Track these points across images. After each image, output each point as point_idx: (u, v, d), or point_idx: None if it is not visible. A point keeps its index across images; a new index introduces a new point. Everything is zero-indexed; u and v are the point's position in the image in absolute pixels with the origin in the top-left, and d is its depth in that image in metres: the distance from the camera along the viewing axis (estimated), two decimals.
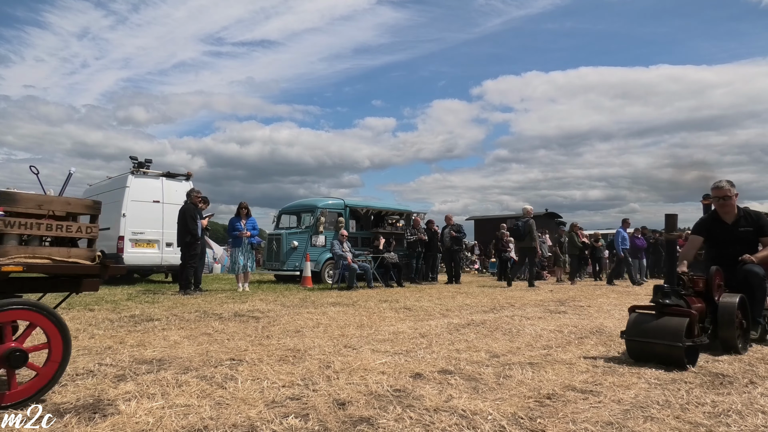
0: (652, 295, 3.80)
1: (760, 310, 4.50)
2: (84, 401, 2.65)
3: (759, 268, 4.43)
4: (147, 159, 12.89)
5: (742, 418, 2.43)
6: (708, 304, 4.12)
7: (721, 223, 4.77)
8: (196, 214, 9.88)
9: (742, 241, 4.62)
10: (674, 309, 3.64)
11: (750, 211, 4.73)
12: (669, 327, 3.53)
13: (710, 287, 4.15)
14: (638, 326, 3.68)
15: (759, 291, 4.42)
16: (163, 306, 7.25)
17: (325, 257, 13.19)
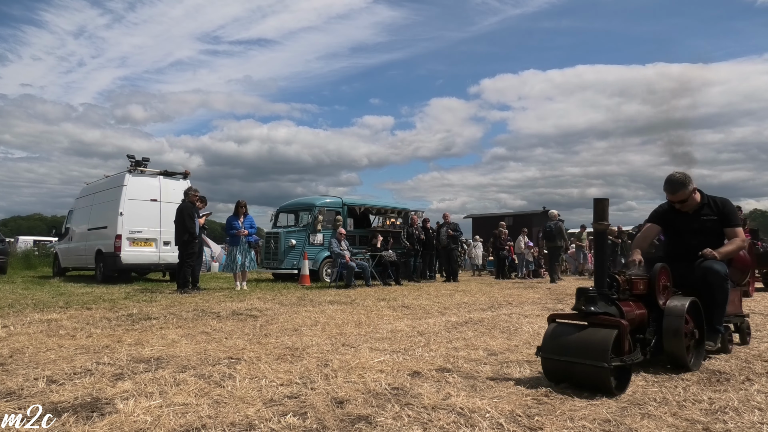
0: (575, 300, 3.08)
1: (719, 316, 3.76)
2: (82, 400, 2.65)
3: (720, 266, 3.73)
4: (144, 157, 12.88)
5: (738, 415, 2.44)
6: (651, 309, 3.44)
7: (680, 211, 4.11)
8: (194, 213, 9.87)
9: (704, 232, 3.99)
10: (601, 318, 2.92)
11: (715, 198, 4.06)
12: (592, 342, 2.79)
13: (654, 289, 3.44)
14: (556, 340, 2.93)
15: (719, 293, 3.70)
16: (161, 305, 7.24)
17: (323, 255, 13.19)
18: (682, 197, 3.93)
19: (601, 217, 3.16)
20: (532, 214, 24.89)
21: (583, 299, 3.03)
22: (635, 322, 3.23)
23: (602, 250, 3.23)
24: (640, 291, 3.41)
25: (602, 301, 3.04)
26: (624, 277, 3.35)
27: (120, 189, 12.08)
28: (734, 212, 3.99)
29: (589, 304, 2.99)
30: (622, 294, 3.28)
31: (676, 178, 3.92)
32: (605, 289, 3.11)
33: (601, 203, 3.16)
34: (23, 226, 71.06)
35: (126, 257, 11.87)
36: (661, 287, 3.49)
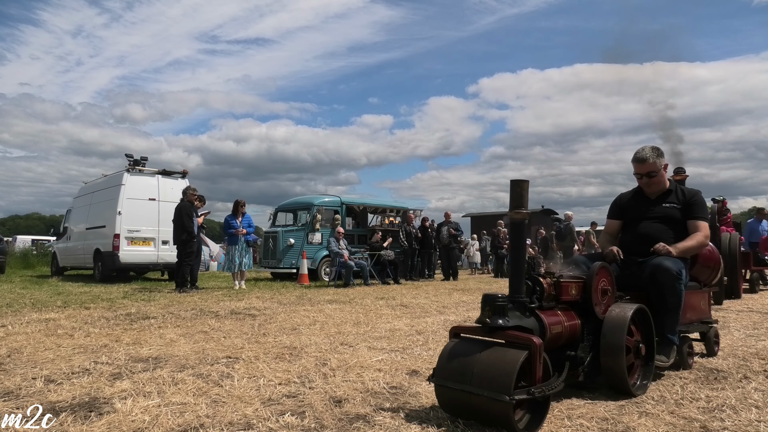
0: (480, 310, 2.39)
1: (672, 323, 3.16)
2: (80, 399, 2.64)
3: (673, 263, 3.11)
4: (143, 157, 12.86)
5: (736, 413, 2.45)
6: (587, 320, 2.83)
7: (641, 197, 3.61)
8: (192, 212, 9.87)
9: (664, 221, 3.46)
10: (508, 335, 2.27)
11: (685, 188, 3.59)
12: (495, 367, 2.16)
13: (589, 294, 2.81)
14: (454, 362, 2.30)
15: (671, 296, 3.10)
16: (159, 304, 7.24)
17: (322, 255, 13.19)
18: (651, 169, 3.44)
19: (518, 204, 2.43)
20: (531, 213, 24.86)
21: (488, 309, 2.33)
22: (563, 336, 2.65)
23: (519, 247, 2.51)
24: (572, 297, 2.77)
25: (517, 311, 2.43)
26: (550, 280, 2.69)
27: (118, 188, 12.06)
28: (702, 204, 3.48)
29: (497, 315, 2.31)
30: (548, 301, 2.65)
31: (647, 148, 3.49)
32: (521, 295, 2.46)
33: (519, 186, 2.44)
34: (21, 226, 70.96)
35: (124, 256, 11.86)
36: (599, 292, 2.86)
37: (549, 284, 2.67)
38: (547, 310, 2.61)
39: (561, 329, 2.64)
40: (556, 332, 2.59)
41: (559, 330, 2.62)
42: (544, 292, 2.63)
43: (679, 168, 7.61)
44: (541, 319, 2.51)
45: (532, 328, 2.42)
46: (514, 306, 2.43)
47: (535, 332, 2.40)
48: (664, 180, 3.54)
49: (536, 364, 2.21)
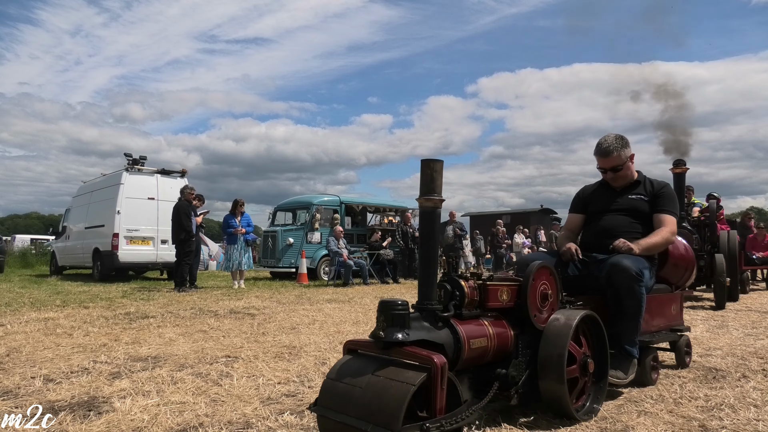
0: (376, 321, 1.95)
1: (631, 333, 2.75)
2: (79, 399, 2.64)
3: (633, 261, 2.72)
4: (142, 156, 12.85)
5: (734, 412, 2.45)
6: (523, 331, 2.39)
7: (606, 189, 3.28)
8: (191, 211, 9.86)
9: (630, 214, 3.10)
10: (406, 352, 1.84)
11: (655, 180, 3.24)
12: (383, 393, 1.73)
13: (524, 299, 2.38)
14: (339, 385, 1.87)
15: (629, 300, 2.70)
16: (158, 303, 7.23)
17: (321, 254, 13.19)
18: (616, 163, 3.10)
19: (429, 189, 2.02)
20: (530, 212, 24.95)
21: (383, 319, 1.89)
22: (489, 352, 2.21)
23: (429, 242, 2.08)
24: (504, 303, 2.36)
25: (426, 321, 2.02)
26: (474, 283, 2.26)
27: (117, 187, 12.05)
28: (670, 197, 3.13)
29: (394, 327, 1.87)
30: (471, 309, 2.22)
31: (611, 138, 3.13)
32: (432, 302, 2.06)
33: (430, 168, 2.02)
34: (20, 225, 70.88)
35: (123, 256, 11.85)
36: (537, 297, 2.44)
37: (472, 288, 2.22)
38: (469, 320, 2.18)
39: (486, 343, 2.18)
40: (479, 347, 2.14)
41: (483, 344, 2.16)
42: (465, 298, 2.18)
43: (679, 160, 7.28)
44: (456, 330, 2.07)
45: (442, 343, 1.99)
46: (421, 315, 2.03)
47: (447, 347, 1.99)
48: (631, 172, 3.20)
49: (437, 389, 1.74)
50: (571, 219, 3.40)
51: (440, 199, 2.05)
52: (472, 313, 2.23)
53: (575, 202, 3.41)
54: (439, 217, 2.10)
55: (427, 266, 2.08)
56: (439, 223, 2.11)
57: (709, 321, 5.64)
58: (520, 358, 2.35)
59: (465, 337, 2.08)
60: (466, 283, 2.22)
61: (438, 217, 2.11)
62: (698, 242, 7.12)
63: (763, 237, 10.97)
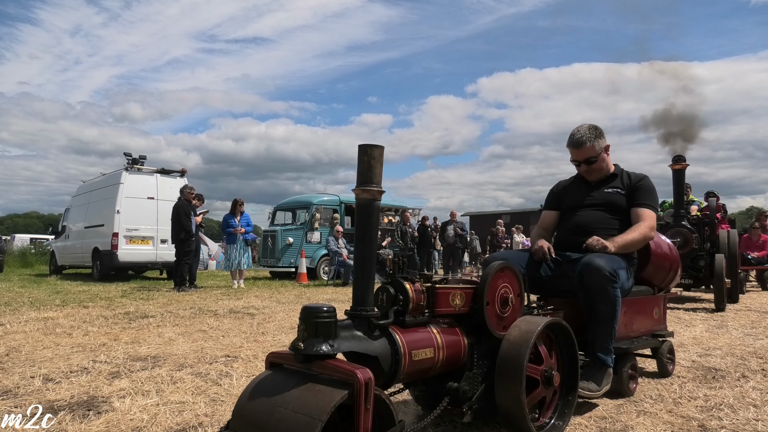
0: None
1: (604, 340, 2.52)
2: (78, 398, 2.64)
3: (606, 261, 2.51)
4: (141, 155, 12.85)
5: (734, 412, 2.45)
6: (480, 339, 2.16)
7: (581, 182, 3.10)
8: (190, 211, 9.86)
9: (606, 208, 2.89)
10: (327, 366, 1.59)
11: (632, 172, 3.03)
12: (298, 414, 1.48)
13: (481, 305, 2.13)
14: (254, 404, 1.62)
15: (602, 303, 2.48)
16: (158, 303, 7.23)
17: (321, 253, 13.20)
18: (590, 154, 2.91)
19: (366, 178, 1.77)
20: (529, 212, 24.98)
21: (304, 328, 1.63)
22: (437, 363, 1.97)
23: (366, 239, 1.81)
24: (457, 308, 2.11)
25: (358, 329, 1.78)
26: (421, 286, 2.01)
27: (117, 187, 12.05)
28: (649, 190, 2.91)
29: (317, 337, 1.61)
30: (416, 315, 1.97)
31: (584, 128, 2.95)
32: (368, 307, 1.80)
33: (367, 154, 1.76)
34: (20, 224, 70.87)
35: (123, 255, 11.85)
36: (496, 301, 2.20)
37: (418, 292, 1.98)
38: (413, 328, 1.95)
39: (432, 354, 1.94)
40: (423, 359, 1.90)
41: (429, 355, 1.93)
42: (410, 303, 1.94)
43: (679, 156, 7.07)
44: (395, 340, 1.83)
45: (376, 355, 1.75)
46: (354, 323, 1.79)
47: (382, 360, 1.76)
48: (607, 164, 3.01)
49: (360, 409, 1.50)
50: (545, 216, 3.20)
51: (379, 190, 1.80)
52: (418, 320, 1.98)
53: (549, 198, 3.23)
54: (377, 211, 1.83)
55: (362, 267, 1.83)
56: (377, 216, 1.83)
57: (709, 321, 5.64)
58: (475, 370, 2.13)
59: (405, 348, 1.84)
60: (412, 286, 1.97)
61: (375, 211, 1.82)
62: (698, 241, 7.03)
63: (758, 236, 10.78)
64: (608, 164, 3.02)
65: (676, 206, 7.22)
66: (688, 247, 6.88)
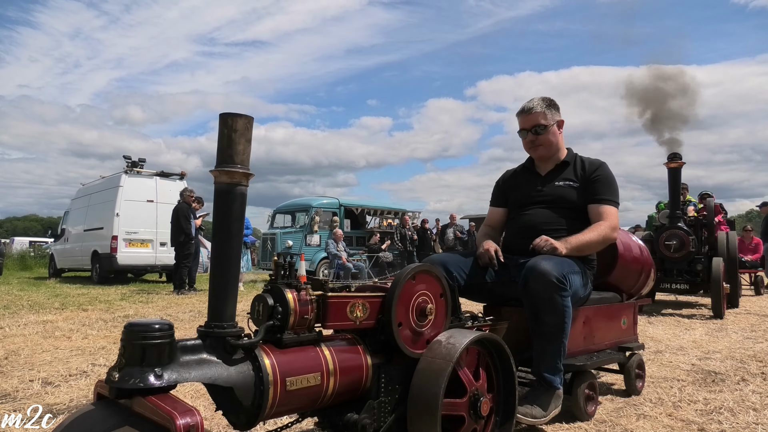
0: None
1: (552, 357, 2.20)
2: (77, 402, 2.64)
3: (558, 266, 2.18)
4: (141, 158, 12.85)
5: (733, 415, 2.45)
6: (390, 360, 1.82)
7: (529, 174, 2.72)
8: (190, 214, 9.86)
9: (556, 206, 2.53)
10: (149, 403, 1.21)
11: (587, 159, 2.64)
12: None
13: (389, 316, 1.77)
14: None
15: (548, 314, 2.16)
16: (157, 306, 7.22)
17: (320, 256, 13.19)
18: (537, 121, 2.55)
19: (227, 157, 1.43)
20: None
21: (123, 352, 1.29)
22: (326, 393, 1.62)
23: (222, 234, 1.48)
24: (358, 322, 1.75)
25: (209, 351, 1.43)
26: (307, 295, 1.63)
27: (116, 190, 12.04)
28: (608, 181, 2.53)
29: (141, 365, 1.27)
30: (301, 331, 1.61)
31: (536, 98, 2.63)
32: (225, 323, 1.47)
33: (227, 126, 1.43)
34: (19, 227, 70.79)
35: (122, 258, 11.83)
36: (411, 313, 1.84)
37: (304, 301, 1.61)
38: (292, 347, 1.58)
39: (319, 380, 1.58)
40: (303, 387, 1.54)
41: (313, 382, 1.57)
42: (290, 315, 1.57)
43: (674, 154, 6.78)
44: (260, 366, 1.46)
45: (231, 385, 1.40)
46: (204, 343, 1.44)
47: (239, 391, 1.41)
48: (558, 144, 2.62)
49: None
50: (491, 213, 2.82)
51: (244, 172, 1.44)
52: (302, 338, 1.61)
53: (494, 192, 2.84)
54: (240, 199, 1.47)
55: (218, 271, 1.47)
56: (240, 206, 1.49)
57: (708, 324, 5.64)
58: (382, 398, 1.76)
59: (276, 374, 1.48)
60: (295, 294, 1.60)
61: (238, 198, 1.47)
62: (695, 244, 6.71)
63: (750, 239, 10.57)
64: (559, 144, 2.63)
65: (672, 207, 6.87)
66: (685, 250, 6.65)
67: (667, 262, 6.79)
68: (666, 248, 6.70)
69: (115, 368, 1.27)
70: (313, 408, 1.70)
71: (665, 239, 6.74)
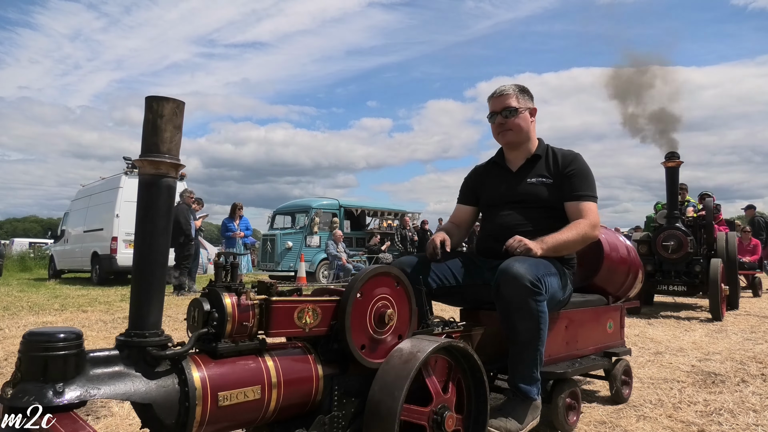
0: None
1: (528, 365, 2.05)
2: None
3: (532, 269, 2.02)
4: None
5: (733, 417, 2.45)
6: (345, 370, 1.70)
7: (500, 170, 2.54)
8: (189, 215, 9.87)
9: (529, 205, 2.38)
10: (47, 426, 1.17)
11: (560, 150, 2.47)
12: None
13: (343, 322, 1.64)
14: None
15: (522, 321, 2.02)
16: None
17: (320, 257, 13.19)
18: (509, 103, 2.39)
19: (151, 145, 1.30)
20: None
21: (20, 365, 1.24)
22: (264, 408, 1.48)
23: (145, 230, 1.35)
24: (308, 329, 1.60)
25: (127, 362, 1.34)
26: (248, 299, 1.48)
27: (116, 191, 12.06)
28: (584, 174, 2.37)
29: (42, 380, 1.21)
30: (241, 339, 1.48)
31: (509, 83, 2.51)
32: (147, 331, 1.39)
33: (153, 111, 1.29)
34: (19, 228, 70.79)
35: (122, 259, 11.84)
36: (369, 319, 1.71)
37: (244, 307, 1.46)
38: (229, 358, 1.45)
39: (259, 394, 1.45)
40: (239, 402, 1.41)
41: (252, 396, 1.44)
42: (227, 322, 1.44)
43: (672, 153, 6.67)
44: (186, 379, 1.33)
45: (150, 402, 1.27)
46: (122, 354, 1.34)
47: (159, 409, 1.28)
48: (529, 132, 2.45)
49: None
50: (457, 210, 2.66)
51: (173, 162, 1.31)
52: (241, 347, 1.47)
53: (463, 189, 2.68)
54: (167, 192, 1.33)
55: (139, 273, 1.35)
56: (167, 200, 1.33)
57: (708, 325, 5.64)
58: (335, 413, 1.63)
59: (206, 389, 1.35)
60: (234, 299, 1.46)
61: (165, 192, 1.32)
62: (693, 245, 6.57)
63: (748, 240, 10.44)
64: (530, 134, 2.46)
65: (670, 207, 6.78)
66: (683, 251, 6.51)
67: (665, 263, 6.70)
68: (663, 249, 6.62)
69: (9, 383, 1.10)
70: (255, 425, 1.55)
71: (662, 240, 6.63)
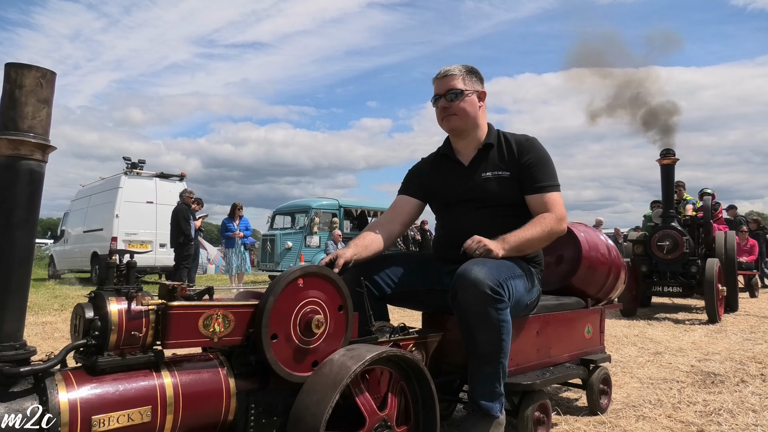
0: None
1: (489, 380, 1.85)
2: None
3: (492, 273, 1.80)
4: (140, 160, 12.86)
5: (733, 417, 2.45)
6: (266, 384, 1.52)
7: (450, 163, 2.25)
8: (189, 215, 9.87)
9: (487, 203, 2.12)
10: None
11: (513, 137, 2.20)
12: None
13: (259, 330, 1.45)
14: None
15: (482, 332, 1.80)
16: None
17: (320, 258, 13.18)
18: (454, 85, 2.11)
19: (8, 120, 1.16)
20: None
21: None
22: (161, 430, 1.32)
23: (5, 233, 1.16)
24: (217, 338, 1.41)
25: None
26: (140, 305, 1.31)
27: (116, 191, 12.06)
28: (544, 162, 2.13)
29: None
30: (131, 353, 1.30)
31: (457, 64, 2.20)
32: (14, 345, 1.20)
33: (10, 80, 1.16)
34: None
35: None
36: (294, 326, 1.51)
37: (134, 313, 1.28)
38: (119, 372, 1.27)
39: (149, 417, 1.27)
40: (117, 428, 1.23)
41: (138, 420, 1.25)
42: (111, 332, 1.25)
43: (668, 150, 6.47)
44: (48, 400, 1.22)
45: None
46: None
47: None
48: (477, 118, 2.17)
49: None
50: (397, 201, 2.32)
51: (39, 142, 1.15)
52: (129, 361, 1.27)
53: (406, 180, 2.35)
54: (34, 177, 1.17)
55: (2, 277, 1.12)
56: (30, 186, 1.17)
57: (707, 326, 5.64)
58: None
59: (74, 413, 1.18)
60: (124, 304, 1.27)
61: (27, 176, 1.15)
62: (689, 245, 6.35)
63: (746, 240, 10.35)
64: (478, 120, 2.18)
65: (665, 205, 6.56)
66: (678, 251, 6.28)
67: (660, 264, 6.45)
68: (658, 249, 6.38)
69: None
70: None
71: (657, 240, 6.40)
